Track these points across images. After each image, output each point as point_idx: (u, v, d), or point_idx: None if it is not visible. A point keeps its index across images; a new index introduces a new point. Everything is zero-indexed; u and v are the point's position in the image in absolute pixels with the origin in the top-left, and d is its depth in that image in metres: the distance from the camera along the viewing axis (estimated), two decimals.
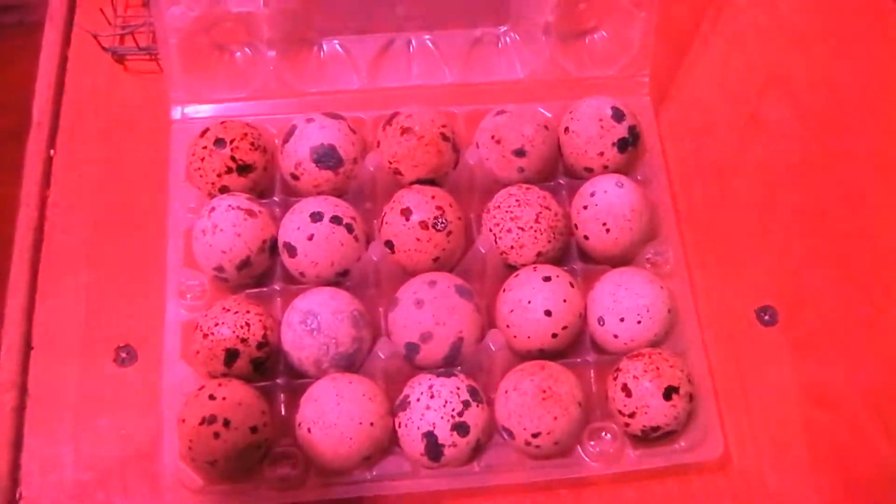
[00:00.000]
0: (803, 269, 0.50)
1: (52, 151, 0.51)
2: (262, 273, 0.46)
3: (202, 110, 0.50)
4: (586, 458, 0.44)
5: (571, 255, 0.48)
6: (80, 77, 0.53)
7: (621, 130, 0.47)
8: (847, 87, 0.56)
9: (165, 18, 0.47)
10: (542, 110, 0.50)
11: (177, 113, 0.49)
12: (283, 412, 0.44)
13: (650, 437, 0.44)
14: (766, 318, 0.49)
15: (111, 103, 0.52)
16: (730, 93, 0.55)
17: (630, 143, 0.48)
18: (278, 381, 0.44)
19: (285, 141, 0.47)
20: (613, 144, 0.47)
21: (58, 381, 0.46)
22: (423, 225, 0.45)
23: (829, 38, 0.57)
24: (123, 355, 0.47)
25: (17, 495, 0.44)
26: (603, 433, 0.44)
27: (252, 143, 0.47)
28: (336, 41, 0.51)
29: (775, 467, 0.46)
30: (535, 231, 0.45)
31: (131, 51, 0.52)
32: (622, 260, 0.47)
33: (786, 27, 0.57)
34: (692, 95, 0.55)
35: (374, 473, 0.43)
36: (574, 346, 0.46)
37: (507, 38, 0.51)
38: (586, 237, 0.46)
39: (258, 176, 0.47)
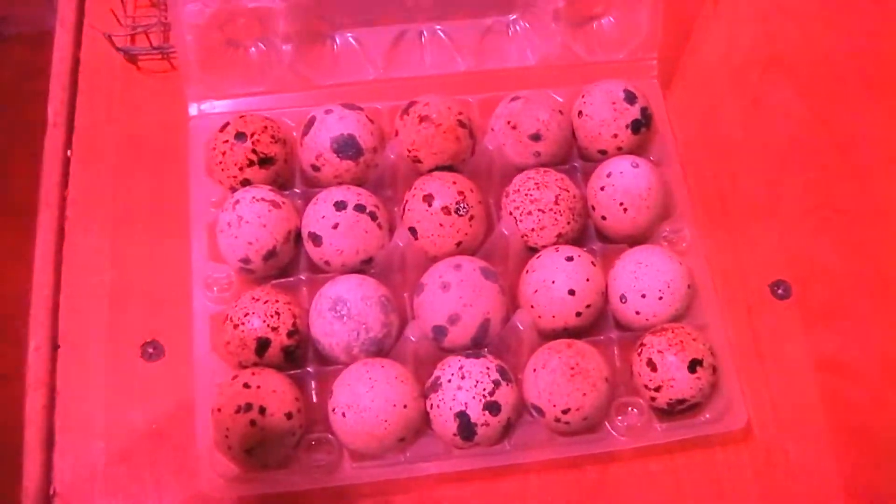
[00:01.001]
0: (813, 243, 0.51)
1: (68, 152, 0.51)
2: (288, 263, 0.47)
3: (219, 106, 0.50)
4: (614, 433, 0.45)
5: (590, 236, 0.48)
6: (94, 78, 0.53)
7: (634, 112, 0.48)
8: (847, 64, 0.57)
9: (181, 15, 0.47)
10: (556, 96, 0.51)
11: (194, 109, 0.50)
12: (314, 399, 0.45)
13: (676, 410, 0.44)
14: (780, 291, 0.50)
15: (125, 102, 0.53)
16: (734, 73, 0.56)
17: (643, 125, 0.49)
18: (309, 368, 0.45)
19: (305, 133, 0.48)
20: (627, 126, 0.48)
21: (86, 379, 0.46)
22: (446, 210, 0.45)
23: (828, 16, 0.58)
24: (150, 350, 0.47)
25: (52, 491, 0.44)
26: (630, 408, 0.45)
27: (273, 136, 0.47)
28: (349, 34, 0.51)
29: (796, 437, 0.47)
30: (555, 213, 0.46)
31: (144, 50, 0.53)
32: (640, 239, 0.48)
33: (785, 7, 0.59)
34: (698, 77, 0.56)
35: (408, 455, 0.43)
36: (597, 324, 0.46)
37: (517, 26, 0.52)
38: (604, 217, 0.47)
39: (279, 168, 0.48)
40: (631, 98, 0.49)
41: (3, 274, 0.53)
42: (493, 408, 0.42)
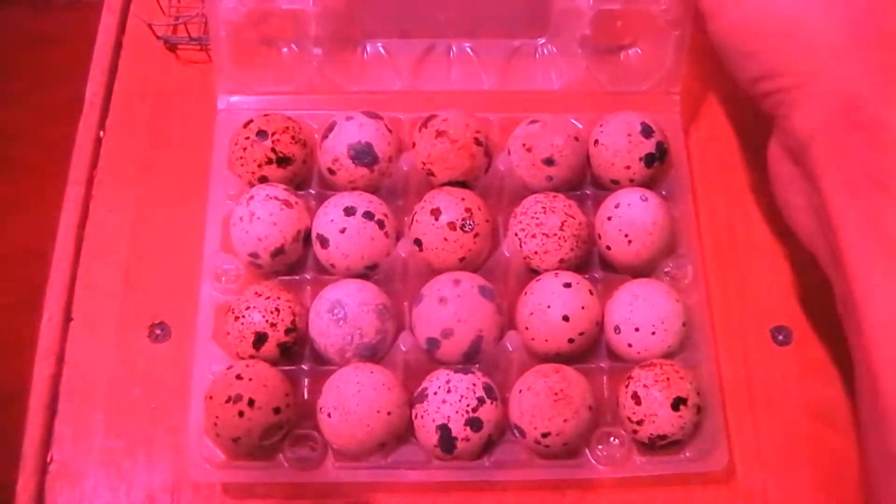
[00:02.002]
0: (820, 293, 0.51)
1: (101, 133, 0.53)
2: (295, 262, 0.48)
3: (247, 102, 0.51)
4: (593, 461, 0.45)
5: (594, 264, 0.49)
6: (133, 63, 0.55)
7: (649, 146, 0.49)
8: None
9: (218, 11, 0.49)
10: (574, 121, 0.51)
11: (222, 103, 0.51)
12: (306, 396, 0.46)
13: (657, 445, 0.45)
14: (781, 337, 0.50)
15: (161, 89, 0.54)
16: (758, 114, 0.56)
17: (657, 159, 0.49)
18: (304, 366, 0.46)
19: (325, 136, 0.49)
20: (640, 159, 0.49)
21: (94, 353, 0.48)
22: (451, 225, 0.46)
23: None
24: (158, 332, 0.49)
25: (49, 458, 0.46)
26: (611, 438, 0.46)
27: (293, 137, 0.49)
28: (379, 43, 0.52)
29: (779, 483, 0.47)
30: (559, 238, 0.47)
31: (183, 40, 0.54)
32: (642, 271, 0.48)
33: None
34: (721, 114, 0.55)
35: (389, 460, 0.45)
36: (590, 352, 0.47)
37: (545, 50, 0.53)
38: (608, 247, 0.48)
39: (297, 168, 0.49)
40: (647, 131, 0.49)
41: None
42: (474, 424, 0.43)
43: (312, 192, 0.50)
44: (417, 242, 0.47)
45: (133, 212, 0.51)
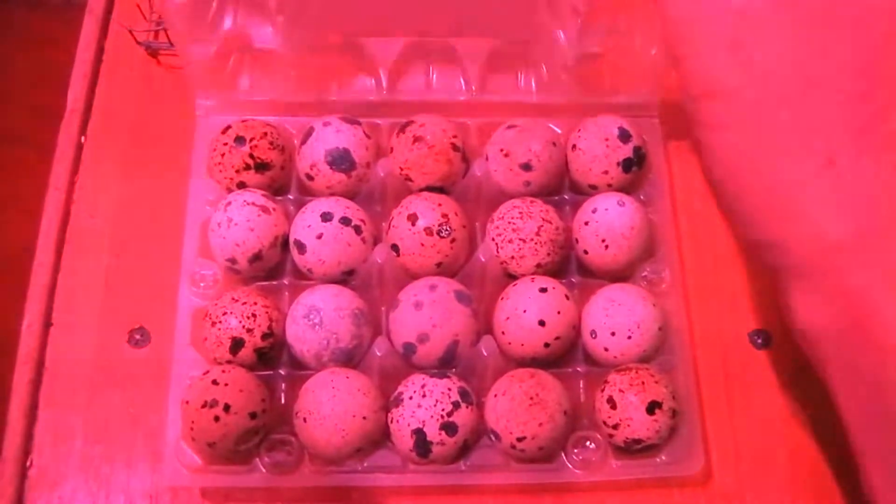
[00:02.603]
0: None
1: (83, 138, 0.53)
2: (273, 267, 0.48)
3: (226, 108, 0.51)
4: (569, 465, 0.45)
5: (571, 268, 0.49)
6: (115, 68, 0.55)
7: (626, 151, 0.49)
8: None
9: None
10: (554, 127, 0.51)
11: (201, 109, 0.51)
12: (283, 401, 0.46)
13: (632, 450, 0.45)
14: (760, 341, 0.50)
15: (142, 95, 0.54)
16: None
17: (634, 164, 0.49)
18: (280, 371, 0.46)
19: (303, 142, 0.49)
20: (618, 164, 0.49)
21: (73, 358, 0.48)
22: (428, 231, 0.46)
23: None
24: (137, 337, 0.49)
25: (29, 462, 0.46)
26: (587, 442, 0.46)
27: (271, 143, 0.49)
28: (359, 49, 0.52)
29: (756, 487, 0.47)
30: (536, 243, 0.47)
31: (164, 46, 0.55)
32: (619, 276, 0.48)
33: None
34: None
35: (365, 465, 0.45)
36: (566, 356, 0.47)
37: (525, 56, 0.53)
38: (586, 252, 0.48)
39: (275, 174, 0.49)
40: (625, 136, 0.49)
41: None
42: (449, 428, 0.43)
43: (291, 197, 0.50)
44: (394, 248, 0.47)
45: (114, 217, 0.51)
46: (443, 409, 0.43)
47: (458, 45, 0.52)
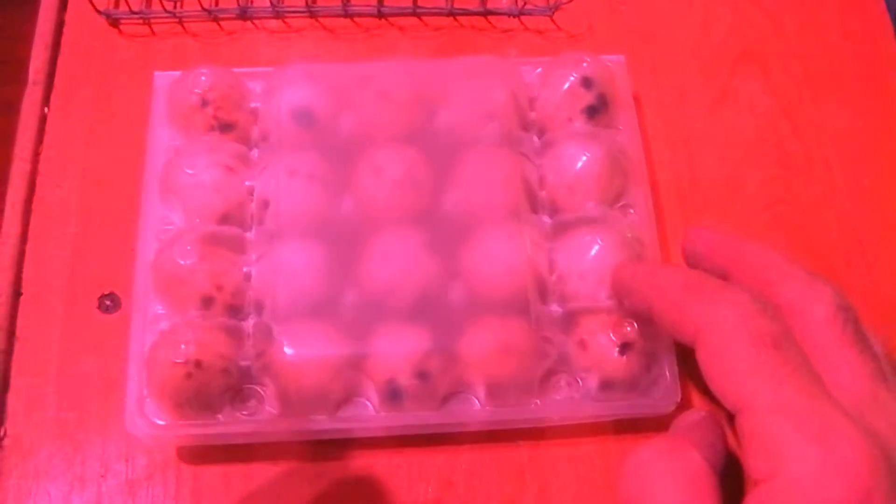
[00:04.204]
0: (768, 237, 0.52)
1: (45, 109, 0.53)
2: (240, 225, 0.48)
3: (190, 72, 0.51)
4: (544, 410, 0.45)
5: (542, 213, 0.49)
6: (76, 39, 0.55)
7: (590, 97, 0.49)
8: (819, 62, 0.57)
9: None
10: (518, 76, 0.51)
11: (162, 74, 0.51)
12: (253, 355, 0.46)
13: (607, 391, 0.45)
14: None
15: (104, 64, 0.54)
16: (704, 65, 0.56)
17: (598, 111, 0.49)
18: (251, 324, 0.46)
19: (265, 100, 0.49)
20: (582, 111, 0.49)
21: (44, 326, 0.48)
22: (395, 182, 0.46)
23: (803, 12, 0.58)
24: (108, 303, 0.49)
25: (2, 433, 0.46)
26: (561, 386, 0.46)
27: (236, 103, 0.49)
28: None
29: (731, 425, 0.47)
30: (506, 190, 0.47)
31: (124, 14, 0.54)
32: (589, 220, 0.48)
33: (760, 3, 0.59)
34: (667, 67, 0.56)
35: (339, 416, 0.45)
36: (538, 301, 0.47)
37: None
38: (554, 198, 0.48)
39: (240, 134, 0.49)
40: (588, 83, 0.49)
41: None
42: (422, 375, 0.43)
43: (256, 155, 0.50)
44: (361, 200, 0.47)
45: (80, 185, 0.51)
46: (415, 357, 0.43)
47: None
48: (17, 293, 0.49)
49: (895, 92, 0.57)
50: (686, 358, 0.48)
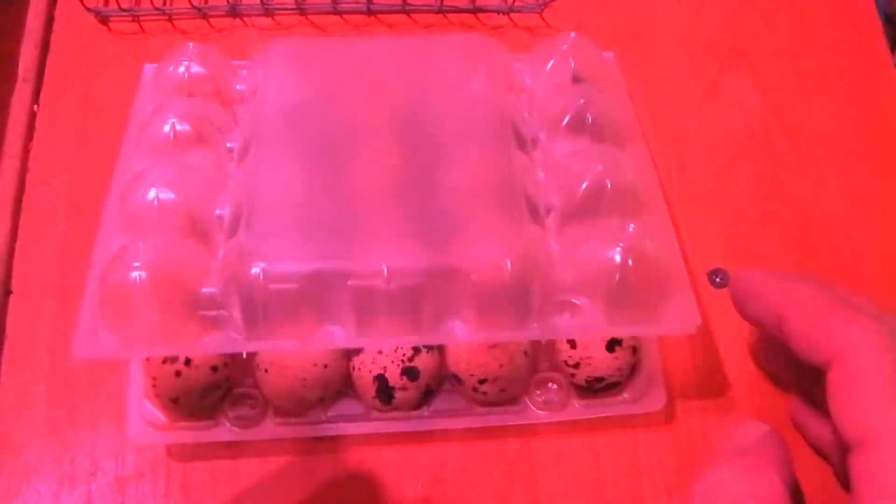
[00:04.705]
0: (755, 235, 0.52)
1: (35, 107, 0.53)
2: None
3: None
4: (532, 407, 0.45)
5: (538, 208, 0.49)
6: (66, 36, 0.55)
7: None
8: (808, 59, 0.57)
9: None
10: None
11: (150, 70, 0.51)
12: (244, 354, 0.46)
13: (594, 388, 0.45)
14: (718, 280, 0.50)
15: (94, 61, 0.54)
16: (694, 61, 0.57)
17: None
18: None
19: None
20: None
21: (34, 324, 0.48)
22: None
23: (793, 11, 0.59)
24: None
25: None
26: (549, 383, 0.46)
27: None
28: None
29: (719, 424, 0.47)
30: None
31: (114, 12, 0.54)
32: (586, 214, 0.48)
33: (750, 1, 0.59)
34: (656, 62, 0.56)
35: (329, 414, 0.45)
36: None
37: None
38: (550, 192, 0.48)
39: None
40: (577, 79, 0.49)
41: None
42: (411, 373, 0.43)
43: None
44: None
45: (69, 183, 0.51)
46: (403, 355, 0.43)
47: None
48: (6, 291, 0.49)
49: (885, 90, 0.57)
50: (672, 356, 0.48)
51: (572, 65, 0.49)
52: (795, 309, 0.38)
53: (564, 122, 0.46)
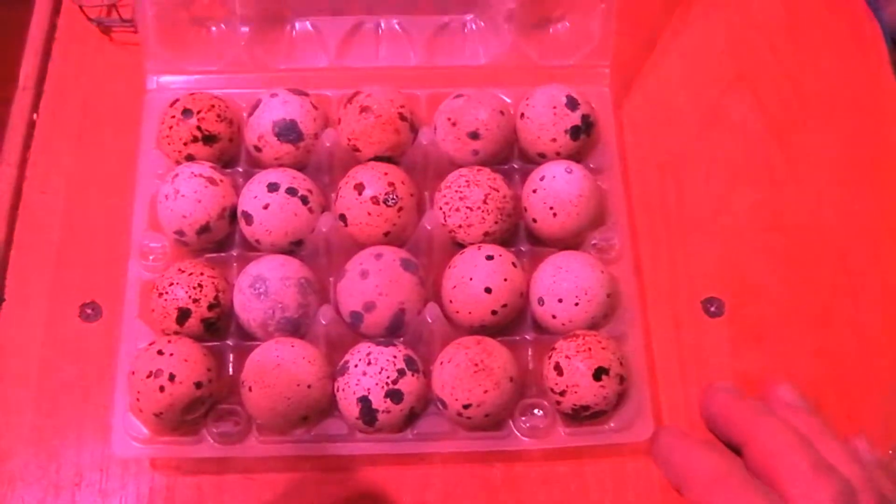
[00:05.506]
0: (753, 264, 0.51)
1: (35, 115, 0.53)
2: (222, 239, 0.48)
3: (176, 81, 0.51)
4: (517, 433, 0.45)
5: (520, 237, 0.49)
6: (67, 46, 0.55)
7: (574, 118, 0.49)
8: (811, 85, 0.56)
9: None
10: (503, 96, 0.51)
11: (152, 83, 0.51)
12: (230, 371, 0.46)
13: (580, 416, 0.45)
14: (713, 309, 0.50)
15: (94, 72, 0.55)
16: (694, 88, 0.56)
17: (583, 131, 0.49)
18: (228, 342, 0.46)
19: (250, 114, 0.49)
20: (566, 132, 0.49)
21: (25, 332, 0.48)
22: (375, 200, 0.46)
23: (798, 39, 0.58)
24: (89, 311, 0.49)
25: None
26: (535, 410, 0.46)
27: (218, 115, 0.49)
28: (308, 21, 0.52)
29: None
30: (483, 211, 0.47)
31: (115, 23, 0.54)
32: (569, 244, 0.48)
33: (757, 27, 0.58)
34: (656, 89, 0.56)
35: (313, 434, 0.45)
36: (515, 324, 0.47)
37: (473, 25, 0.53)
38: (534, 220, 0.48)
39: (223, 146, 0.49)
40: (573, 104, 0.49)
41: None
42: (395, 396, 0.43)
43: (240, 169, 0.50)
44: (342, 217, 0.47)
45: (65, 192, 0.52)
46: (388, 377, 0.43)
47: (404, 22, 0.52)
48: (0, 299, 0.49)
49: (887, 117, 0.56)
50: (662, 385, 0.48)
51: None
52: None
53: None
